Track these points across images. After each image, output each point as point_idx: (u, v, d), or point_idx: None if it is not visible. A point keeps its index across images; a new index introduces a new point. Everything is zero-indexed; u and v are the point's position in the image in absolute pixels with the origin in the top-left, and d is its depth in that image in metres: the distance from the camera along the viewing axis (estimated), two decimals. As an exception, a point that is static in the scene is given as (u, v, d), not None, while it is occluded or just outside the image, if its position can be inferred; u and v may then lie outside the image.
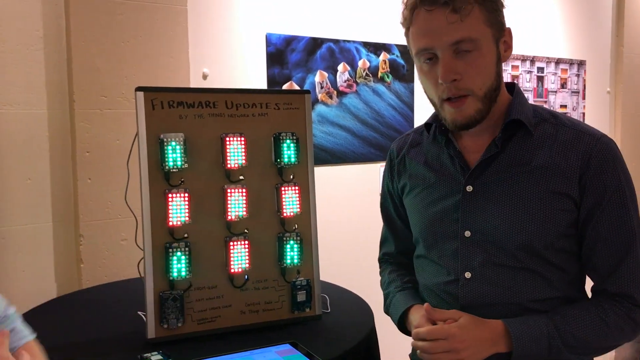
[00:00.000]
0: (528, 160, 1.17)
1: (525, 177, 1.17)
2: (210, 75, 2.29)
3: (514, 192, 1.17)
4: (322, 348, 1.32)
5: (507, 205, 1.17)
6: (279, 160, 1.48)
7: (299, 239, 1.49)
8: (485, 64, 1.12)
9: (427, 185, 1.30)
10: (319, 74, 2.58)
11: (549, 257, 1.17)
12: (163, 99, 1.40)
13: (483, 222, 1.20)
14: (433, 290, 1.30)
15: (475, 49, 1.11)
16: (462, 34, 1.09)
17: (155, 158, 1.38)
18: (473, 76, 1.12)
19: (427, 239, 1.30)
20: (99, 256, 1.99)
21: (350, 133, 2.70)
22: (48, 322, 1.57)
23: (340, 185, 2.69)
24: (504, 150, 1.19)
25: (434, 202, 1.27)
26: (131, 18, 2.01)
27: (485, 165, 1.20)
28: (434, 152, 1.31)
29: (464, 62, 1.11)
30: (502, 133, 1.18)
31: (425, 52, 1.14)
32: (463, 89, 1.12)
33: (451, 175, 1.25)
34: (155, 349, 1.30)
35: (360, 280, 2.39)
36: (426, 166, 1.31)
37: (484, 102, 1.15)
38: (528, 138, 1.19)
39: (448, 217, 1.24)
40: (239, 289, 1.45)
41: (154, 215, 1.37)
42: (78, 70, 1.94)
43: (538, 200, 1.15)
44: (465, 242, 1.22)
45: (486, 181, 1.20)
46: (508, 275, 1.18)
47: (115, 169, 1.97)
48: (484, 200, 1.20)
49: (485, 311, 1.19)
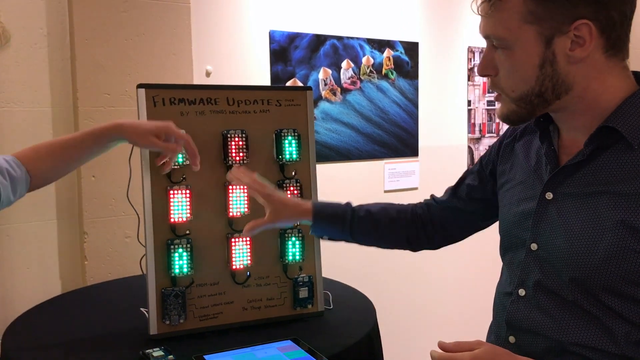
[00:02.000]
0: (618, 181, 0.95)
1: (607, 198, 0.96)
2: (213, 72, 2.29)
3: (587, 213, 0.97)
4: (324, 344, 1.32)
5: (575, 227, 0.98)
6: (281, 157, 1.48)
7: (301, 235, 1.49)
8: (516, 66, 0.97)
9: (518, 181, 1.14)
10: (323, 70, 2.58)
11: (609, 302, 0.95)
12: (164, 95, 1.40)
13: (549, 238, 1.03)
14: (496, 297, 1.17)
15: (505, 47, 0.97)
16: (489, 29, 0.97)
17: (157, 155, 1.38)
18: (504, 76, 0.99)
19: (504, 240, 1.16)
20: (102, 253, 2.00)
21: (354, 130, 2.70)
22: (52, 318, 1.58)
23: (344, 182, 2.69)
24: (595, 161, 0.98)
25: (519, 202, 1.12)
26: (134, 16, 2.01)
27: (570, 172, 1.01)
28: (537, 144, 1.12)
29: (498, 58, 0.99)
30: (591, 140, 0.97)
31: None
32: (494, 86, 1.02)
33: (538, 176, 1.08)
34: (158, 345, 1.31)
35: (363, 277, 2.39)
36: (526, 160, 1.14)
37: (520, 106, 1.00)
38: (628, 153, 0.95)
39: (524, 223, 1.08)
40: (241, 286, 1.45)
41: (155, 212, 1.38)
42: (81, 68, 1.94)
43: (608, 231, 0.94)
44: (529, 255, 1.06)
45: (566, 192, 1.02)
46: (558, 307, 1.00)
47: (119, 167, 1.97)
48: (557, 213, 1.02)
49: (528, 339, 1.04)
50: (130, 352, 1.30)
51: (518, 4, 0.93)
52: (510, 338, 1.07)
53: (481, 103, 3.18)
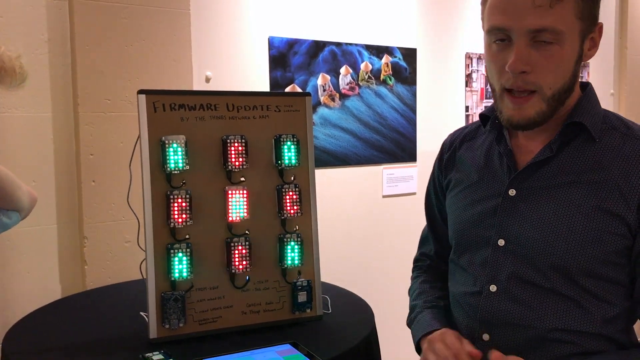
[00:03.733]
0: (585, 171, 1.02)
1: (576, 188, 1.02)
2: (213, 78, 2.31)
3: (560, 203, 1.02)
4: (322, 348, 1.33)
5: (548, 218, 1.03)
6: (280, 162, 1.49)
7: (299, 240, 1.50)
8: (563, 60, 0.98)
9: (469, 183, 1.17)
10: (322, 76, 2.60)
11: (586, 285, 1.01)
12: (165, 101, 1.42)
13: (519, 232, 1.06)
14: (457, 299, 1.18)
15: (557, 41, 0.96)
16: (548, 22, 0.94)
17: (157, 160, 1.39)
18: (545, 72, 0.97)
19: (460, 242, 1.17)
20: (102, 258, 2.01)
21: (352, 135, 2.71)
22: (52, 322, 1.58)
23: (343, 188, 2.70)
24: (559, 155, 1.05)
25: (474, 203, 1.14)
26: (135, 22, 2.03)
27: (535, 169, 1.06)
28: (485, 148, 1.17)
29: (539, 53, 0.97)
30: (560, 136, 1.04)
31: (499, 32, 0.99)
32: (531, 84, 0.98)
33: (496, 176, 1.12)
34: (157, 348, 1.31)
35: (362, 281, 2.40)
36: (473, 163, 1.18)
37: (549, 104, 1.00)
38: (590, 145, 1.03)
39: (485, 222, 1.11)
40: (240, 290, 1.46)
41: (155, 217, 1.39)
42: (82, 74, 1.96)
43: (584, 217, 1.00)
44: (496, 252, 1.08)
45: (532, 187, 1.06)
46: (535, 296, 1.03)
47: (119, 172, 1.99)
48: (526, 207, 1.06)
49: (505, 333, 1.06)
50: (130, 356, 1.31)
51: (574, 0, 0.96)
52: (485, 336, 1.08)
53: (479, 109, 3.20)
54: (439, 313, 1.20)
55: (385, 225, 2.86)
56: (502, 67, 0.99)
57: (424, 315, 1.21)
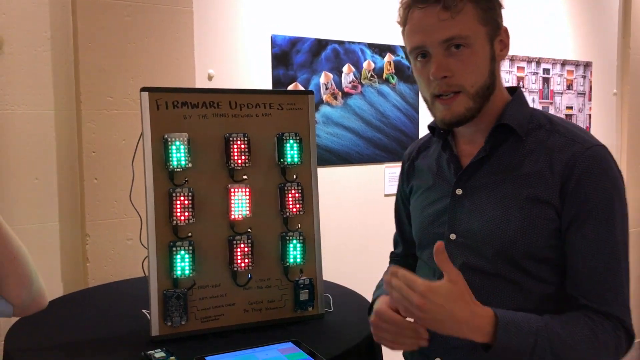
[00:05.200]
0: (516, 167, 1.16)
1: (511, 183, 1.15)
2: (215, 76, 2.31)
3: (498, 197, 1.16)
4: (324, 346, 1.33)
5: (489, 211, 1.16)
6: (282, 160, 1.49)
7: (301, 238, 1.50)
8: (477, 61, 1.12)
9: (426, 187, 1.32)
10: (324, 75, 2.60)
11: (528, 267, 1.13)
12: (167, 99, 1.42)
13: (466, 226, 1.19)
14: None
15: (467, 45, 1.11)
16: (453, 31, 1.10)
17: (159, 158, 1.39)
18: (465, 73, 1.11)
19: (421, 240, 1.31)
20: (104, 255, 2.01)
21: (355, 134, 2.71)
22: (54, 319, 1.59)
23: (345, 186, 2.70)
24: (494, 155, 1.19)
25: (430, 205, 1.29)
26: (137, 20, 2.03)
27: (475, 169, 1.20)
28: (436, 155, 1.32)
29: (455, 59, 1.11)
30: (490, 137, 1.18)
31: (418, 50, 1.15)
32: (454, 85, 1.12)
33: (446, 179, 1.26)
34: (159, 346, 1.32)
35: (364, 280, 2.39)
36: (429, 169, 1.32)
37: (475, 100, 1.14)
38: (519, 144, 1.17)
39: (439, 220, 1.25)
40: (242, 288, 1.46)
41: (158, 215, 1.39)
42: (85, 71, 1.96)
43: (518, 207, 1.13)
44: (449, 245, 1.20)
45: (474, 185, 1.20)
46: (484, 282, 1.16)
47: (121, 169, 1.99)
48: (470, 204, 1.20)
49: None
50: (131, 354, 1.31)
51: (471, 8, 1.11)
52: None
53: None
54: None
55: (387, 223, 2.85)
56: (428, 78, 1.14)
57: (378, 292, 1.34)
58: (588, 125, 3.67)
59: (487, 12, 1.13)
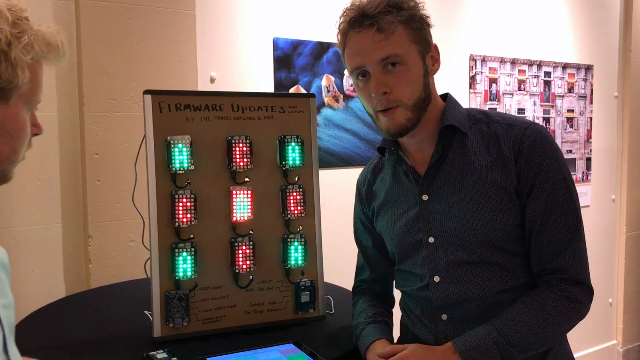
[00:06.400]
0: (470, 160, 1.25)
1: (470, 175, 1.24)
2: (217, 78, 2.32)
3: (463, 191, 1.24)
4: (325, 348, 1.34)
5: (459, 206, 1.24)
6: (284, 163, 1.50)
7: (303, 240, 1.51)
8: (412, 77, 1.21)
9: (392, 203, 1.37)
10: (326, 77, 2.60)
11: (507, 247, 1.23)
12: (170, 101, 1.43)
13: (441, 226, 1.27)
14: (411, 295, 1.37)
15: (401, 62, 1.20)
16: (388, 50, 1.18)
17: (162, 160, 1.40)
18: (401, 89, 1.20)
19: (400, 252, 1.36)
20: (107, 257, 2.02)
21: (356, 136, 2.72)
22: (57, 320, 1.59)
23: (347, 188, 2.70)
24: (447, 155, 1.27)
25: (400, 217, 1.34)
26: (140, 22, 2.04)
27: (434, 172, 1.28)
28: (392, 172, 1.38)
29: (392, 76, 1.20)
30: (439, 139, 1.26)
31: (358, 70, 1.23)
32: (393, 101, 1.21)
33: (408, 190, 1.33)
34: (161, 347, 1.32)
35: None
36: (389, 187, 1.38)
37: (414, 112, 1.22)
38: (466, 140, 1.27)
39: (413, 228, 1.31)
40: (244, 290, 1.47)
41: (160, 216, 1.40)
42: (88, 74, 1.97)
43: (484, 194, 1.22)
44: (430, 248, 1.28)
45: (438, 187, 1.27)
46: (472, 272, 1.25)
47: (124, 171, 2.00)
48: (439, 205, 1.27)
49: (458, 309, 1.26)
50: (133, 355, 1.32)
51: (402, 29, 1.20)
52: (443, 316, 1.29)
53: (483, 110, 3.20)
54: (378, 327, 1.36)
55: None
56: (369, 95, 1.22)
57: (366, 331, 1.36)
58: (589, 128, 3.68)
59: (417, 32, 1.22)
